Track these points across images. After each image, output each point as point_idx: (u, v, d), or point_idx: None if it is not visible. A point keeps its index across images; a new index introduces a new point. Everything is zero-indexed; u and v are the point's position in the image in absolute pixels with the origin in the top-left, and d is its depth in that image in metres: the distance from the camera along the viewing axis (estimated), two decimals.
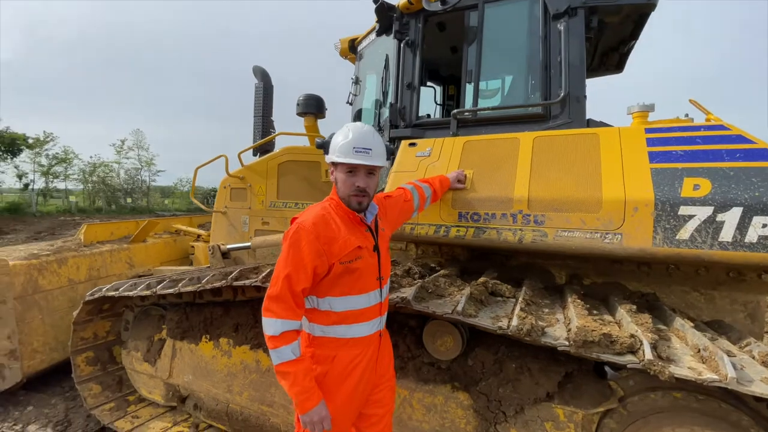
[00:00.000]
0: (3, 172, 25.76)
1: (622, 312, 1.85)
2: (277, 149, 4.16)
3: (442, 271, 2.35)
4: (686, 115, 2.27)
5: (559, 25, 2.49)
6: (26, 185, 26.61)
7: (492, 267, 2.63)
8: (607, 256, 1.95)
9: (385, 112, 3.18)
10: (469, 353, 2.11)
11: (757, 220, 1.66)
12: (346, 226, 1.58)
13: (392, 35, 3.04)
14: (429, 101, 4.39)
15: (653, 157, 1.94)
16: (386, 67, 3.20)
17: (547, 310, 1.93)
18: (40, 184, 27.53)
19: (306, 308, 1.60)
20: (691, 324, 1.79)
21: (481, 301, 1.91)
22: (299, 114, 3.89)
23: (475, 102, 2.76)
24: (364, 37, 3.64)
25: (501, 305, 1.97)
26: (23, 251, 3.48)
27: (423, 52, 3.01)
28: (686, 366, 1.40)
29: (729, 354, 1.51)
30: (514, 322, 1.59)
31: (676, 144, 1.92)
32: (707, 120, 2.24)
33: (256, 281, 2.24)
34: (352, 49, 3.84)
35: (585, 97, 2.50)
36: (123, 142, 29.92)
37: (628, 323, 1.66)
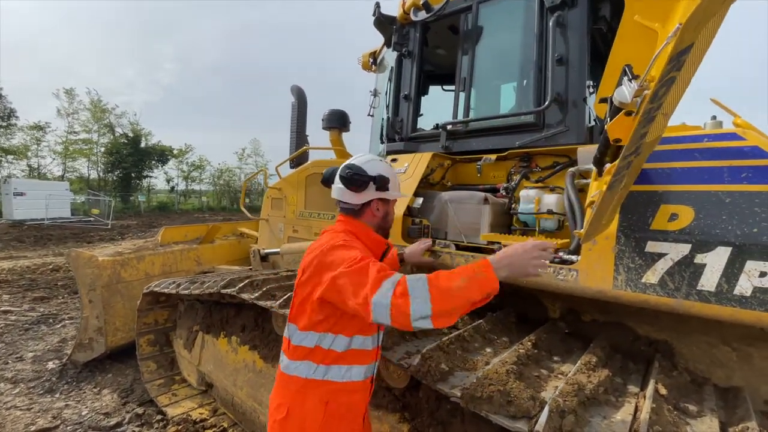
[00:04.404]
0: (156, 177, 32.37)
1: (580, 363, 1.54)
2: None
3: None
4: (713, 118, 1.77)
5: (551, 20, 2.16)
6: (172, 188, 32.81)
7: None
8: (562, 294, 1.64)
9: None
10: (422, 385, 1.99)
11: (752, 266, 1.23)
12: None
13: (391, 47, 3.00)
14: None
15: None
16: (390, 79, 3.16)
17: (489, 350, 1.71)
18: (181, 186, 33.67)
19: (309, 347, 1.41)
20: (664, 391, 1.41)
21: (413, 332, 1.79)
22: (324, 128, 4.07)
23: (467, 112, 2.56)
24: (381, 49, 3.65)
25: (443, 337, 1.81)
26: (111, 250, 4.37)
27: (421, 62, 2.90)
28: None
29: None
30: (415, 361, 1.47)
31: (664, 160, 1.53)
32: (735, 125, 1.71)
33: (233, 290, 2.45)
34: (373, 62, 3.87)
35: (585, 100, 2.12)
36: (243, 150, 34.80)
37: (556, 378, 1.39)
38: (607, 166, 1.20)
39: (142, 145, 29.87)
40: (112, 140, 29.17)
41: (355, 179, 1.51)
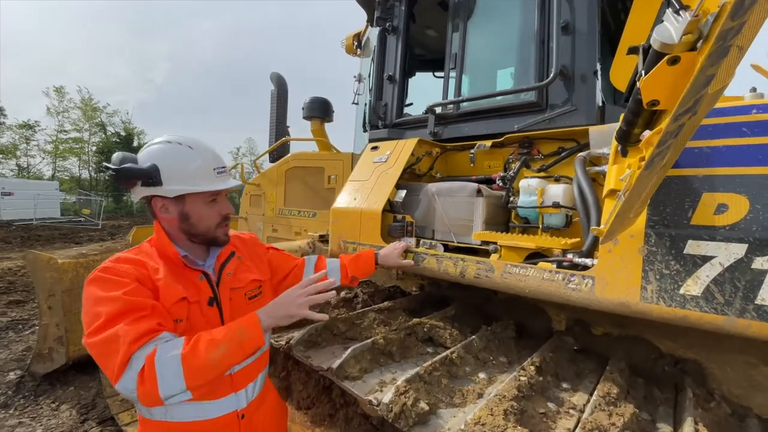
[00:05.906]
0: None
1: (597, 396, 1.22)
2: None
3: (386, 303, 1.93)
4: (753, 90, 1.45)
5: None
6: None
7: (477, 299, 2.10)
8: (574, 306, 1.32)
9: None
10: None
11: None
12: (171, 272, 1.18)
13: (374, 22, 2.67)
14: None
15: None
16: (374, 59, 2.83)
17: (483, 376, 1.38)
18: None
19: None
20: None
21: (389, 354, 1.46)
22: (305, 118, 3.74)
23: (458, 92, 2.23)
24: (365, 29, 3.32)
25: (427, 359, 1.49)
26: (75, 251, 4.02)
27: (407, 39, 2.57)
28: None
29: None
30: (386, 397, 1.14)
31: (703, 137, 1.20)
32: None
33: None
34: (357, 45, 3.54)
35: (596, 74, 1.80)
36: (238, 149, 34.53)
37: (567, 416, 1.06)
38: (646, 133, 0.87)
39: (135, 144, 29.43)
40: (104, 139, 28.71)
41: (114, 174, 1.16)
